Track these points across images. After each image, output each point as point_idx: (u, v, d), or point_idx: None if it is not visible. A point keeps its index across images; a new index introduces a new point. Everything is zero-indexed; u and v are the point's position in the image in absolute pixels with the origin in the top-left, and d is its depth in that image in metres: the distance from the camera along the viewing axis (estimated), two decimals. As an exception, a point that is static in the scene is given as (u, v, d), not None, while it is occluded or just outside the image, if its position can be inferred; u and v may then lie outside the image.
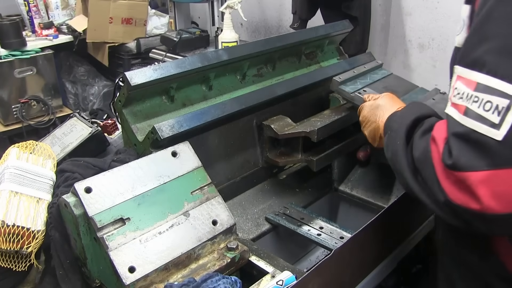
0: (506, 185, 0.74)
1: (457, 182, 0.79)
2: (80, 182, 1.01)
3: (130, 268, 0.96)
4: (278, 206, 1.55)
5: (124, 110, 1.32)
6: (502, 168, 0.74)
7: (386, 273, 1.33)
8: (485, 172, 0.74)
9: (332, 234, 1.40)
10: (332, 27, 1.87)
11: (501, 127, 0.73)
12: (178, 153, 1.17)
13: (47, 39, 3.37)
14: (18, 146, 1.34)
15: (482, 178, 0.75)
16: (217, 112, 1.36)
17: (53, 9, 3.53)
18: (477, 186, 0.75)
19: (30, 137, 2.28)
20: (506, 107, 0.73)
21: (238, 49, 1.68)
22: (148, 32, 3.61)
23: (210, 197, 1.14)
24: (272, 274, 1.05)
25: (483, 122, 0.76)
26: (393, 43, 2.85)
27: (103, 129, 1.65)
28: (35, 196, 1.18)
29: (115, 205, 1.01)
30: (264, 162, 1.57)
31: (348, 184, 1.73)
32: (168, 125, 1.25)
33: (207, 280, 0.94)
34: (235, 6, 2.77)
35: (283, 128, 1.48)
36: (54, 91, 3.39)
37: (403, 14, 2.74)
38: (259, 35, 3.73)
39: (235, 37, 2.81)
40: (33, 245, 1.11)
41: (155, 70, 1.31)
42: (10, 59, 3.12)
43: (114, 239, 0.97)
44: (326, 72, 1.72)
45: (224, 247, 1.10)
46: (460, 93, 0.82)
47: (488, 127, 0.75)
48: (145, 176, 1.09)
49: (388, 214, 1.21)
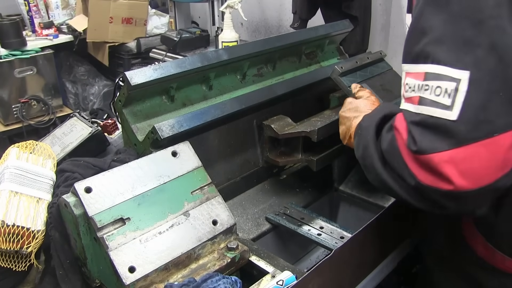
0: (469, 162, 0.79)
1: (424, 165, 0.83)
2: (80, 182, 1.01)
3: (130, 268, 0.96)
4: (278, 206, 1.55)
5: (124, 110, 1.32)
6: (462, 146, 0.78)
7: (386, 273, 1.33)
8: (447, 152, 0.79)
9: (332, 234, 1.40)
10: (332, 27, 1.87)
11: (453, 107, 0.79)
12: (178, 153, 1.17)
13: (47, 39, 3.38)
14: (18, 146, 1.34)
15: (446, 158, 0.79)
16: (217, 112, 1.36)
17: (53, 8, 3.53)
18: (443, 167, 0.80)
19: (30, 137, 2.28)
20: (454, 89, 0.79)
21: (238, 49, 1.67)
22: (148, 32, 3.61)
23: (210, 197, 1.14)
24: (272, 274, 1.05)
25: (437, 106, 0.81)
26: (393, 43, 2.84)
27: (103, 129, 1.65)
28: (35, 196, 1.18)
29: (115, 205, 1.01)
30: (264, 162, 1.57)
31: (348, 184, 1.73)
32: (168, 125, 1.25)
33: (207, 280, 0.94)
34: (235, 5, 2.77)
35: (283, 128, 1.48)
36: (54, 91, 3.39)
37: (404, 13, 2.73)
38: (259, 35, 3.73)
39: (235, 37, 2.81)
40: (33, 245, 1.11)
41: (155, 70, 1.31)
42: (10, 58, 3.12)
43: (114, 239, 0.97)
44: (326, 72, 1.72)
45: (224, 247, 1.10)
46: (411, 87, 0.88)
47: (442, 109, 0.80)
48: (145, 176, 1.09)
49: (388, 214, 1.21)
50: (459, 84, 0.79)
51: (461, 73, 0.79)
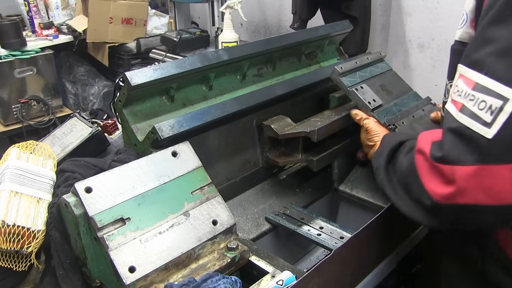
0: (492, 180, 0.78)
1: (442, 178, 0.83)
2: (80, 182, 1.01)
3: (130, 268, 0.96)
4: (278, 206, 1.55)
5: (124, 110, 1.33)
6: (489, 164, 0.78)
7: (386, 273, 1.33)
8: (473, 167, 0.78)
9: (332, 234, 1.40)
10: (332, 27, 1.87)
11: (492, 126, 0.77)
12: (178, 153, 1.17)
13: (47, 39, 3.38)
14: (18, 146, 1.34)
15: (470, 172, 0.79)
16: (217, 112, 1.36)
17: (53, 9, 3.53)
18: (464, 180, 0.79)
19: (30, 137, 2.29)
20: (499, 108, 0.77)
21: (238, 49, 1.67)
22: (148, 32, 3.61)
23: (210, 197, 1.14)
24: (272, 274, 1.06)
25: (476, 120, 0.79)
26: (393, 43, 2.85)
27: (103, 129, 1.65)
28: (35, 196, 1.18)
29: (115, 205, 1.01)
30: (264, 162, 1.57)
31: (348, 184, 1.73)
32: (168, 125, 1.25)
33: (207, 280, 0.94)
34: (235, 6, 2.77)
35: (283, 128, 1.48)
36: (54, 91, 3.39)
37: (403, 14, 2.74)
38: (259, 35, 3.73)
39: (235, 37, 2.82)
40: (33, 245, 1.11)
41: (155, 70, 1.31)
42: (10, 59, 3.12)
43: (114, 239, 0.97)
44: (326, 72, 1.72)
45: (224, 247, 1.10)
46: (459, 90, 0.85)
47: (481, 125, 0.79)
48: (145, 176, 1.09)
49: (388, 214, 1.21)
50: (506, 103, 0.76)
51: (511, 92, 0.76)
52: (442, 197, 0.83)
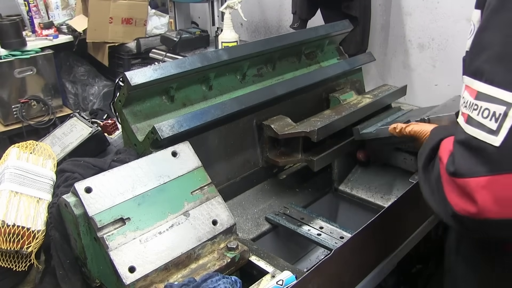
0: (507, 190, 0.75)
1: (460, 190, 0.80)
2: (80, 182, 1.01)
3: (130, 268, 0.96)
4: (278, 206, 1.55)
5: (124, 110, 1.33)
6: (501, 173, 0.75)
7: (386, 273, 1.33)
8: (485, 178, 0.76)
9: (332, 234, 1.40)
10: (332, 27, 1.87)
11: (499, 133, 0.75)
12: (178, 153, 1.17)
13: (47, 39, 3.37)
14: (18, 146, 1.34)
15: (483, 184, 0.76)
16: (217, 112, 1.36)
17: (53, 9, 3.53)
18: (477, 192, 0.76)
19: (30, 137, 2.28)
20: (503, 114, 0.75)
21: (238, 49, 1.67)
22: (148, 32, 3.61)
23: (210, 197, 1.14)
24: (272, 274, 1.05)
25: (482, 129, 0.77)
26: (393, 43, 2.84)
27: (103, 129, 1.65)
28: (35, 196, 1.18)
29: (115, 205, 1.01)
30: (264, 162, 1.57)
31: (348, 184, 1.73)
32: (168, 125, 1.25)
33: (207, 280, 0.94)
34: (235, 6, 2.77)
35: (283, 128, 1.48)
36: (54, 91, 3.39)
37: (403, 14, 2.73)
38: (259, 35, 3.73)
39: (235, 37, 2.81)
40: (33, 245, 1.11)
41: (155, 70, 1.31)
42: (10, 59, 3.12)
43: (114, 239, 0.97)
44: (326, 72, 1.72)
45: (224, 247, 1.10)
46: (465, 101, 0.84)
47: (487, 133, 0.76)
48: (145, 176, 1.09)
49: (388, 214, 1.21)
50: (509, 108, 0.74)
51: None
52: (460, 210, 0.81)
